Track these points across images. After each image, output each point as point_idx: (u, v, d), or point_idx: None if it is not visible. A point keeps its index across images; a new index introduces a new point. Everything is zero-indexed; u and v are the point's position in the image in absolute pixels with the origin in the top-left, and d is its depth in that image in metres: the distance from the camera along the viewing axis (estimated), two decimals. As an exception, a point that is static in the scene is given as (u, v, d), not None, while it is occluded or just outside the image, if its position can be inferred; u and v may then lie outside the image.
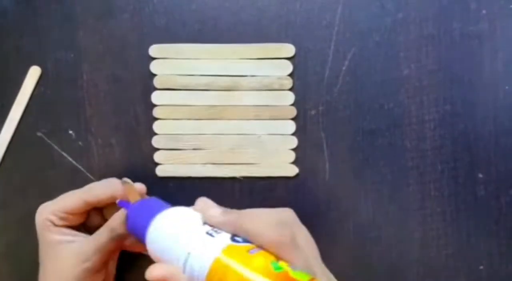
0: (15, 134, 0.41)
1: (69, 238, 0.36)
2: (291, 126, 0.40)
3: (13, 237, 0.42)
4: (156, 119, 0.41)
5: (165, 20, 0.41)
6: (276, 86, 0.40)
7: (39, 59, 0.41)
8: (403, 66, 0.40)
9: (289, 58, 0.40)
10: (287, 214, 0.31)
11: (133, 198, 0.34)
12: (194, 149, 0.41)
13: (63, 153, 0.41)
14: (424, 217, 0.40)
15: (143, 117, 0.41)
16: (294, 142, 0.40)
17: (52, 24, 0.41)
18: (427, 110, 0.40)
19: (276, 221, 0.29)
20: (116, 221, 0.34)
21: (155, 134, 0.41)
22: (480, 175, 0.40)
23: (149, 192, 0.41)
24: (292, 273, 0.26)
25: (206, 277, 0.27)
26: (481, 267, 0.41)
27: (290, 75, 0.40)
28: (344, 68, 0.40)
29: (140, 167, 0.41)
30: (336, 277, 0.41)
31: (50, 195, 0.41)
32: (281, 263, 0.27)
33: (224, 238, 0.29)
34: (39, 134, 0.41)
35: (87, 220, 0.38)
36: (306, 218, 0.41)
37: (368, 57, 0.40)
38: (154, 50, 0.40)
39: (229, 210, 0.31)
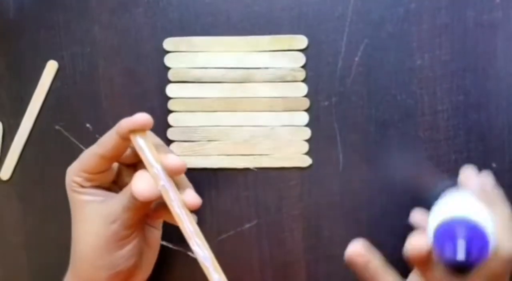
0: (34, 128, 0.42)
1: (98, 198, 0.33)
2: (304, 118, 0.41)
3: (32, 228, 0.43)
4: (171, 111, 0.41)
5: (179, 13, 0.41)
6: (289, 78, 0.41)
7: (55, 54, 0.42)
8: (416, 57, 0.40)
9: (302, 50, 0.40)
10: None
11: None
12: (208, 141, 0.41)
13: (81, 145, 0.42)
14: (438, 206, 0.41)
15: (158, 110, 0.41)
16: (307, 133, 0.41)
17: (68, 19, 0.41)
18: (440, 100, 0.40)
19: None
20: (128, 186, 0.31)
21: (170, 126, 0.41)
22: (494, 165, 0.40)
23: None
24: None
25: None
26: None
27: (303, 66, 0.40)
28: (356, 59, 0.40)
29: (156, 159, 0.42)
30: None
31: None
32: None
33: None
34: (57, 127, 0.42)
35: (120, 180, 0.36)
36: (320, 209, 0.41)
37: (381, 47, 0.40)
38: (168, 43, 0.41)
39: None
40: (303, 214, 0.42)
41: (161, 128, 0.41)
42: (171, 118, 0.41)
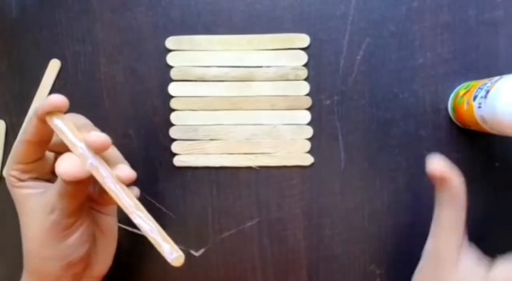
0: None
1: (38, 190, 0.32)
2: (306, 116, 0.41)
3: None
4: (173, 110, 0.41)
5: (181, 12, 0.41)
6: (291, 77, 0.41)
7: (58, 53, 0.42)
8: (418, 55, 0.40)
9: (304, 49, 0.40)
10: None
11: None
12: (210, 139, 0.41)
13: (83, 144, 0.42)
14: (439, 205, 0.41)
15: (160, 109, 0.41)
16: (309, 131, 0.41)
17: (69, 18, 0.42)
18: (442, 99, 0.40)
19: None
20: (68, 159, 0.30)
21: (172, 125, 0.41)
22: (497, 164, 0.40)
23: (167, 182, 0.42)
24: None
25: None
26: (498, 255, 0.41)
27: (305, 65, 0.40)
28: (358, 57, 0.40)
29: (158, 157, 0.42)
30: (351, 265, 0.42)
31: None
32: None
33: None
34: (59, 126, 0.42)
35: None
36: (322, 207, 0.42)
37: (383, 46, 0.40)
38: (170, 42, 0.41)
39: None
40: (305, 212, 0.42)
41: (163, 126, 0.41)
42: (173, 117, 0.41)
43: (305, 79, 0.41)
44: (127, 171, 0.30)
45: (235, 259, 0.42)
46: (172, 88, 0.41)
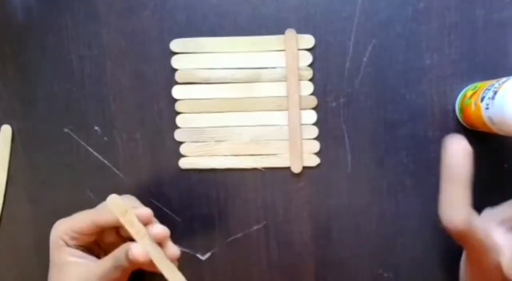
0: (43, 131, 0.42)
1: (78, 260, 0.35)
2: (312, 116, 0.40)
3: (41, 231, 0.43)
4: (179, 113, 0.41)
5: (186, 15, 0.41)
6: (297, 78, 0.40)
7: (64, 57, 0.42)
8: (426, 56, 0.40)
9: (309, 49, 0.40)
10: None
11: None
12: (216, 141, 0.41)
13: (89, 148, 0.42)
14: (448, 207, 0.40)
15: (166, 112, 0.41)
16: (315, 132, 0.40)
17: (75, 22, 0.42)
18: (450, 100, 0.40)
19: None
20: (121, 251, 0.33)
21: (178, 127, 0.41)
22: (506, 165, 0.40)
23: (173, 185, 0.42)
24: None
25: None
26: None
27: (310, 65, 0.40)
28: (365, 59, 0.40)
29: (164, 160, 0.42)
30: (359, 269, 0.41)
31: (77, 190, 0.42)
32: None
33: None
34: (66, 130, 0.42)
35: (102, 237, 0.37)
36: (329, 210, 0.41)
37: (390, 47, 0.40)
38: (175, 44, 0.41)
39: None
40: (312, 215, 0.41)
41: (169, 129, 0.41)
42: (179, 120, 0.41)
43: (310, 80, 0.40)
44: (160, 228, 0.34)
45: (242, 263, 0.42)
46: (176, 91, 0.41)
